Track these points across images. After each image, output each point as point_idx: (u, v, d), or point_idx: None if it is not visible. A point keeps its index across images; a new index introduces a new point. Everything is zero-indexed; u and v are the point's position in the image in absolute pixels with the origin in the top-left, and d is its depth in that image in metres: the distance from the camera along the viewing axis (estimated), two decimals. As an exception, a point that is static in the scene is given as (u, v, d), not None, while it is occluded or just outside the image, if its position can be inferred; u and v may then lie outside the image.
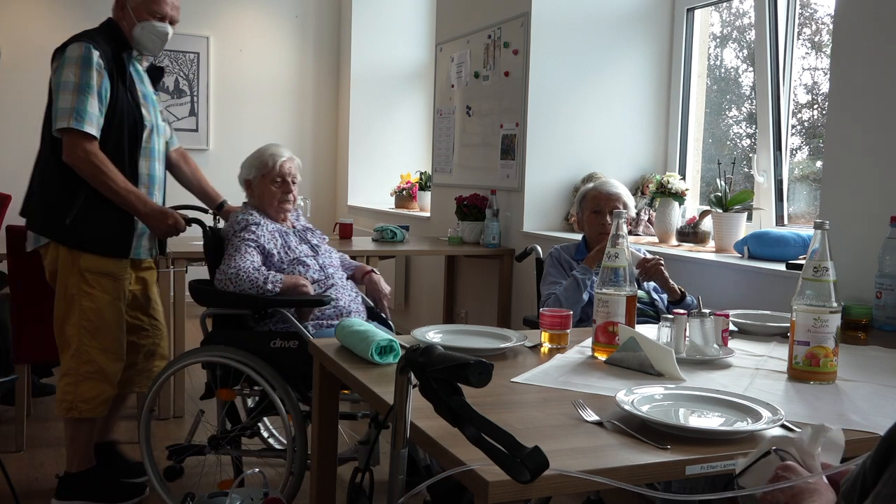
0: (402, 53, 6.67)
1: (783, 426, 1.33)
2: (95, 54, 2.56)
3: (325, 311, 2.66)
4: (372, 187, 6.64)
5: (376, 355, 1.71)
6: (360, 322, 1.89)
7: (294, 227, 2.89)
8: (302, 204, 4.52)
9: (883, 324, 2.32)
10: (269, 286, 2.56)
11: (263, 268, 2.62)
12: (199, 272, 7.50)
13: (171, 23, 2.77)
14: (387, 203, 6.31)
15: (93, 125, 2.55)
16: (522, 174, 4.08)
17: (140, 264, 2.88)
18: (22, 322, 3.31)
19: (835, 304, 1.66)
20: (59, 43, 2.67)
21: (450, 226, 4.55)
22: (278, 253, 2.71)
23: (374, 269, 2.97)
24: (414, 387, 1.14)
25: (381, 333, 1.77)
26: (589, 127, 4.12)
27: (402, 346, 1.71)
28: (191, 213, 2.93)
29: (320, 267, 2.76)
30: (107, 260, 2.69)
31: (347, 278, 2.89)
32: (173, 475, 2.61)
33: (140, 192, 2.68)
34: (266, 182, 2.82)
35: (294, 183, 2.87)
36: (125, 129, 2.64)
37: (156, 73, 2.95)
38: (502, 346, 1.88)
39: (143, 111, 2.72)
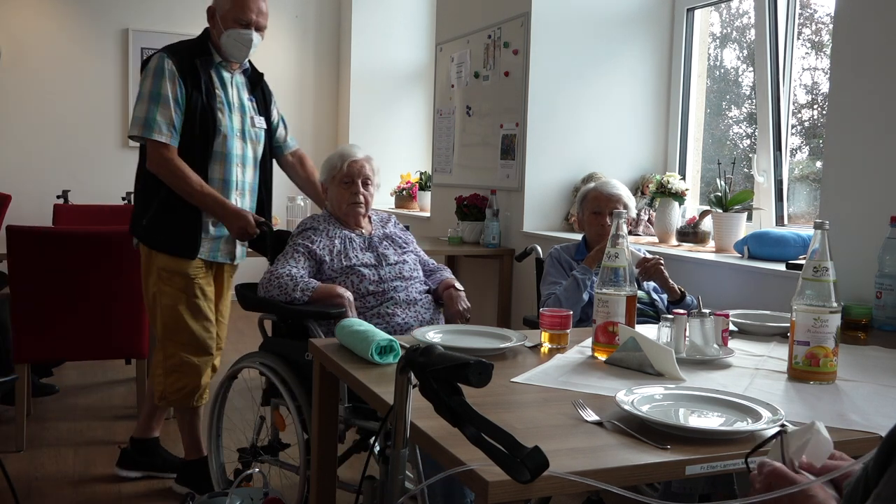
0: (402, 53, 6.67)
1: (782, 426, 1.33)
2: (168, 63, 2.70)
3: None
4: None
5: (376, 355, 1.71)
6: (360, 322, 1.89)
7: (371, 233, 2.71)
8: (302, 203, 4.53)
9: (883, 324, 2.32)
10: (298, 294, 2.42)
11: (301, 274, 2.48)
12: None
13: (258, 29, 2.80)
14: (387, 203, 6.31)
15: (162, 133, 2.69)
16: (522, 174, 4.08)
17: (221, 268, 2.94)
18: (22, 322, 3.31)
19: (835, 304, 1.66)
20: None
21: (450, 226, 4.55)
22: (331, 260, 2.56)
23: (455, 285, 2.68)
24: (414, 387, 1.14)
25: (381, 333, 1.77)
26: (589, 127, 4.12)
27: (402, 346, 1.71)
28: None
29: (380, 278, 2.55)
30: (177, 260, 2.80)
31: (428, 292, 2.66)
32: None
33: (218, 194, 2.74)
34: (335, 184, 2.71)
35: (367, 184, 2.71)
36: (195, 135, 2.73)
37: (255, 79, 2.96)
38: (502, 346, 1.88)
39: (219, 116, 2.76)
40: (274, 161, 3.10)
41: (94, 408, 3.99)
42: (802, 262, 1.93)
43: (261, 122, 2.93)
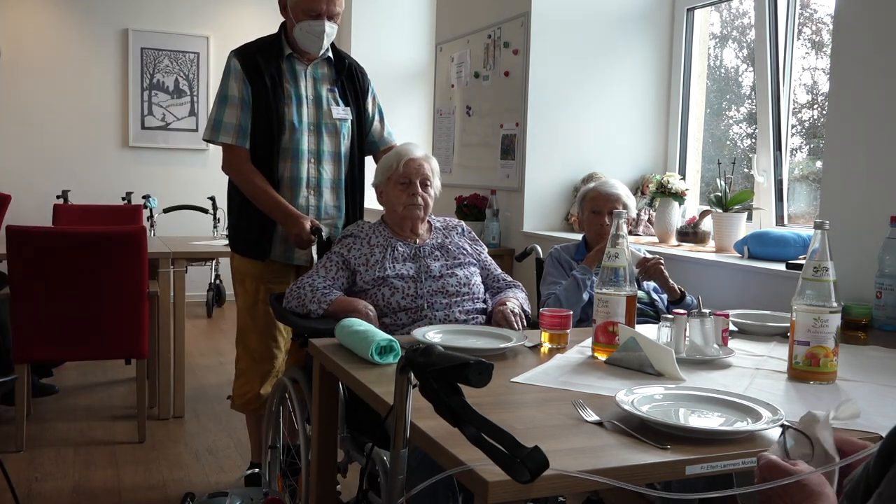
0: (402, 53, 6.66)
1: (783, 426, 1.33)
2: (234, 62, 2.67)
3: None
4: (371, 188, 6.63)
5: (376, 355, 1.71)
6: (360, 322, 1.89)
7: (424, 243, 2.47)
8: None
9: (883, 324, 2.32)
10: (314, 306, 2.25)
11: (324, 286, 2.30)
12: (200, 272, 7.47)
13: (330, 17, 2.65)
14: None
15: (228, 134, 2.65)
16: (522, 174, 4.08)
17: (302, 271, 2.75)
18: (22, 322, 3.31)
19: (835, 304, 1.66)
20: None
21: (450, 226, 4.55)
22: (365, 271, 2.35)
23: (509, 301, 2.36)
24: (414, 387, 1.14)
25: (380, 333, 1.76)
26: (589, 127, 4.12)
27: (402, 346, 1.70)
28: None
29: (416, 293, 2.32)
30: (249, 262, 2.76)
31: (485, 311, 2.42)
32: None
33: (279, 198, 2.65)
34: (391, 185, 2.49)
35: (426, 185, 2.47)
36: (261, 132, 2.67)
37: (339, 68, 2.81)
38: (502, 346, 1.88)
39: (285, 110, 2.66)
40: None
41: (94, 408, 3.99)
42: (802, 262, 1.93)
43: (341, 112, 2.77)
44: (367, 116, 2.89)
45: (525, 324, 2.33)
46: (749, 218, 3.36)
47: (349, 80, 2.84)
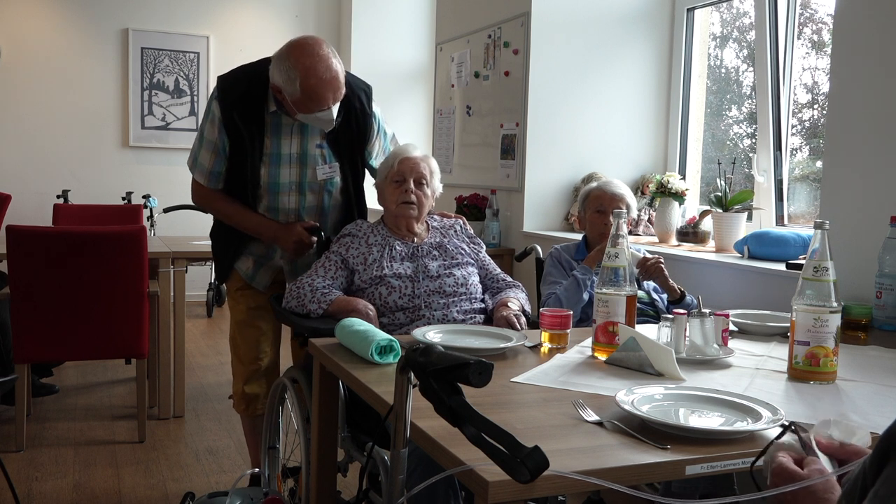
0: (402, 53, 6.67)
1: (783, 426, 1.33)
2: (215, 106, 2.48)
3: None
4: (371, 188, 6.63)
5: (376, 355, 1.71)
6: (360, 322, 1.89)
7: (423, 242, 2.44)
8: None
9: (883, 324, 2.32)
10: (313, 306, 2.23)
11: (323, 285, 2.29)
12: (200, 272, 7.47)
13: (336, 102, 2.42)
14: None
15: (202, 175, 2.57)
16: (522, 174, 4.08)
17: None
18: (22, 322, 3.31)
19: (835, 304, 1.66)
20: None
21: (450, 226, 4.55)
22: (364, 270, 2.34)
23: (510, 302, 2.33)
24: (414, 387, 1.14)
25: (381, 333, 1.76)
26: (589, 127, 4.12)
27: (402, 346, 1.70)
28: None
29: (413, 293, 2.30)
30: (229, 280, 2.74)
31: (484, 311, 2.40)
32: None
33: (260, 216, 2.55)
34: (387, 183, 2.47)
35: (421, 184, 2.44)
36: (234, 183, 2.56)
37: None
38: (502, 346, 1.88)
39: (262, 170, 2.51)
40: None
41: (94, 408, 3.99)
42: (802, 262, 1.93)
43: (327, 171, 2.59)
44: (371, 159, 2.71)
45: (525, 324, 2.33)
46: (749, 218, 3.36)
47: (346, 127, 2.59)
